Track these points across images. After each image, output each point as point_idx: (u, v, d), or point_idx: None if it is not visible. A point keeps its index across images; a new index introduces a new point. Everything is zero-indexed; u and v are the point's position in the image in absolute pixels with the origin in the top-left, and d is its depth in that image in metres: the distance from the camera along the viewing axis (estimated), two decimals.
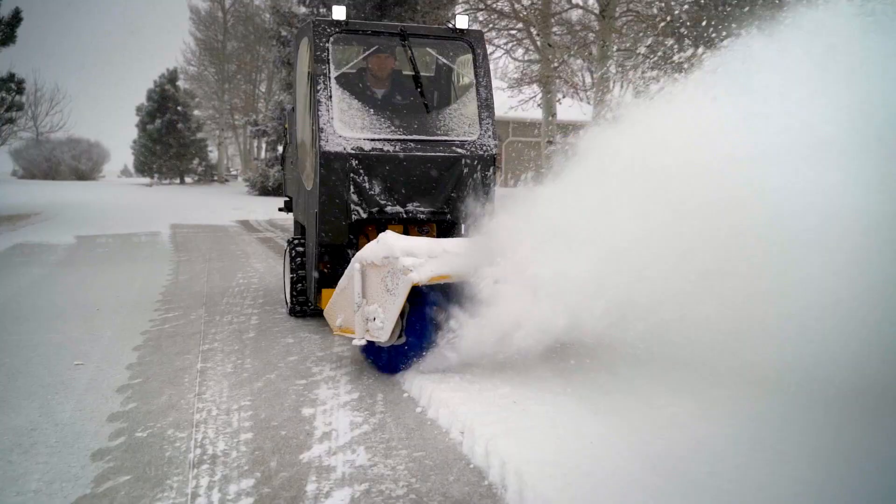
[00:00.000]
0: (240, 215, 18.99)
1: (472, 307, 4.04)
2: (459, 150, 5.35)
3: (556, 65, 17.68)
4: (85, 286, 8.00)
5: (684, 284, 3.26)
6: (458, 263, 4.15)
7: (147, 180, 43.95)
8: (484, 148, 5.42)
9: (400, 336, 4.32)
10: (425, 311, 4.30)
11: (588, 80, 21.42)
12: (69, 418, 3.82)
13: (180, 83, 43.43)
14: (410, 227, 5.59)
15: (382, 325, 4.10)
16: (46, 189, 31.56)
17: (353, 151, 5.06)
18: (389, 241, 4.15)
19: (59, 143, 48.66)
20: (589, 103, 17.15)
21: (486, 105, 5.55)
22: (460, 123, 5.54)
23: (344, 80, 5.48)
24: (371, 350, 4.56)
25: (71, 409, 3.95)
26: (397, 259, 4.01)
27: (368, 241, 4.74)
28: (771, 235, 3.06)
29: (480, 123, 5.51)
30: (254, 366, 4.78)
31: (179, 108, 42.18)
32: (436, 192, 5.33)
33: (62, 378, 4.52)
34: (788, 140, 3.15)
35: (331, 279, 5.28)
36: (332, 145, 5.02)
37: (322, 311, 5.06)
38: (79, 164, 48.25)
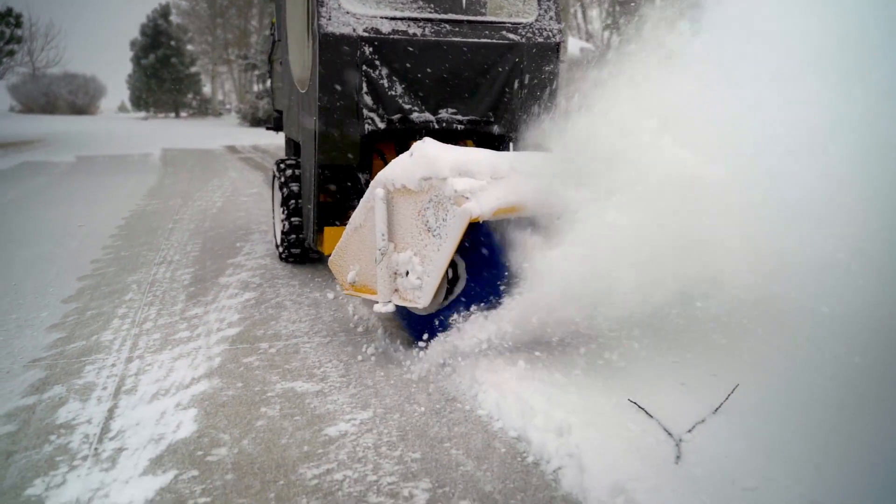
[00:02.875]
0: (227, 141, 20.53)
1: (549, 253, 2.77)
2: (512, 36, 4.00)
3: None
4: (85, 187, 9.70)
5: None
6: (534, 189, 2.86)
7: (143, 114, 45.19)
8: (544, 33, 4.08)
9: (447, 299, 3.03)
10: (488, 260, 2.96)
11: None
12: (76, 248, 5.57)
13: (173, 18, 44.16)
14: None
15: (421, 282, 2.87)
16: (46, 122, 33.12)
17: (365, 34, 3.70)
18: (431, 154, 2.85)
19: (56, 79, 49.57)
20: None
21: None
22: (511, 0, 4.33)
23: None
24: (408, 317, 3.19)
25: (76, 245, 5.71)
26: (445, 181, 2.75)
27: (385, 163, 3.68)
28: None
29: (539, 0, 4.18)
30: (211, 226, 6.52)
31: (173, 42, 43.11)
32: (479, 93, 3.99)
33: (69, 232, 6.25)
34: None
35: (336, 213, 4.22)
36: (337, 24, 3.66)
37: (326, 256, 3.77)
38: (76, 98, 49.50)
